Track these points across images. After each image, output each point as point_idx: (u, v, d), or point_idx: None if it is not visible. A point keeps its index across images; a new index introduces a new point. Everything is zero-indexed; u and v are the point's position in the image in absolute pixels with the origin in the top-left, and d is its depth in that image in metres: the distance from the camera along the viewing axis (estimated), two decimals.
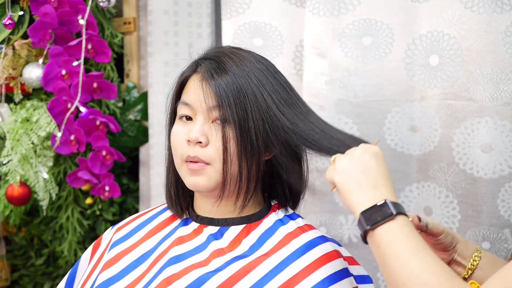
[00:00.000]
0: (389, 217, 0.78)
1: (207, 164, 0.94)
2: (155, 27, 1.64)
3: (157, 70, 1.65)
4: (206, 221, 1.00)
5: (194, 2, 1.66)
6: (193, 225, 1.01)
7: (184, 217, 1.04)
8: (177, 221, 1.04)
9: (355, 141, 0.91)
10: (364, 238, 0.81)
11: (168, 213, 1.07)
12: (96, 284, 0.99)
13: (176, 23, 1.66)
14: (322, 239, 0.97)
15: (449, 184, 1.29)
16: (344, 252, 1.00)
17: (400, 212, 0.78)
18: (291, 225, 0.99)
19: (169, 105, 1.03)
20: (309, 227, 1.00)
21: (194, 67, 0.99)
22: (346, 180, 0.83)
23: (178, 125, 0.98)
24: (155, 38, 1.64)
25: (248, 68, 0.94)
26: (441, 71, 1.28)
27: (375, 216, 0.78)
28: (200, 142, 0.93)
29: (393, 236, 0.77)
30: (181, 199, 1.03)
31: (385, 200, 0.79)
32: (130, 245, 1.03)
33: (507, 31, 1.19)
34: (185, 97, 0.97)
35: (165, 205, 1.09)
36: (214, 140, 0.93)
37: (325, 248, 0.95)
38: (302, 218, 1.04)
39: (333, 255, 0.95)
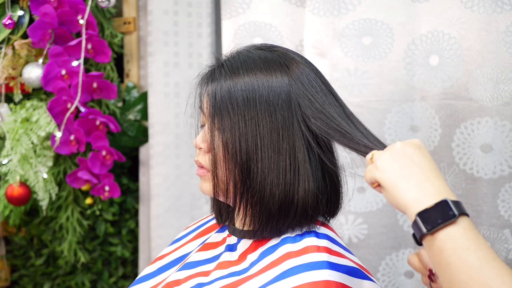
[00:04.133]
0: (451, 219, 0.69)
1: (208, 170, 0.91)
2: (155, 27, 1.64)
3: (157, 70, 1.65)
4: (231, 230, 0.97)
5: (194, 2, 1.65)
6: (225, 234, 0.99)
7: (226, 223, 1.00)
8: (219, 227, 1.02)
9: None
10: (419, 239, 0.71)
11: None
12: (143, 274, 1.00)
13: (176, 23, 1.65)
14: (322, 265, 0.81)
15: (449, 184, 1.29)
16: (355, 284, 0.83)
17: (462, 212, 0.70)
18: (299, 244, 0.86)
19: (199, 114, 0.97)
20: (319, 249, 0.85)
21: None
22: (391, 177, 0.74)
23: None
24: (155, 38, 1.64)
25: (245, 73, 0.87)
26: (441, 71, 1.28)
27: (433, 218, 0.69)
28: (201, 148, 0.91)
29: (459, 244, 0.68)
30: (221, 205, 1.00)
31: (445, 198, 0.70)
32: (178, 246, 1.03)
33: (507, 31, 1.19)
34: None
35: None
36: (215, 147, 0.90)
37: (317, 275, 0.79)
38: (323, 238, 0.88)
39: (321, 285, 0.78)
